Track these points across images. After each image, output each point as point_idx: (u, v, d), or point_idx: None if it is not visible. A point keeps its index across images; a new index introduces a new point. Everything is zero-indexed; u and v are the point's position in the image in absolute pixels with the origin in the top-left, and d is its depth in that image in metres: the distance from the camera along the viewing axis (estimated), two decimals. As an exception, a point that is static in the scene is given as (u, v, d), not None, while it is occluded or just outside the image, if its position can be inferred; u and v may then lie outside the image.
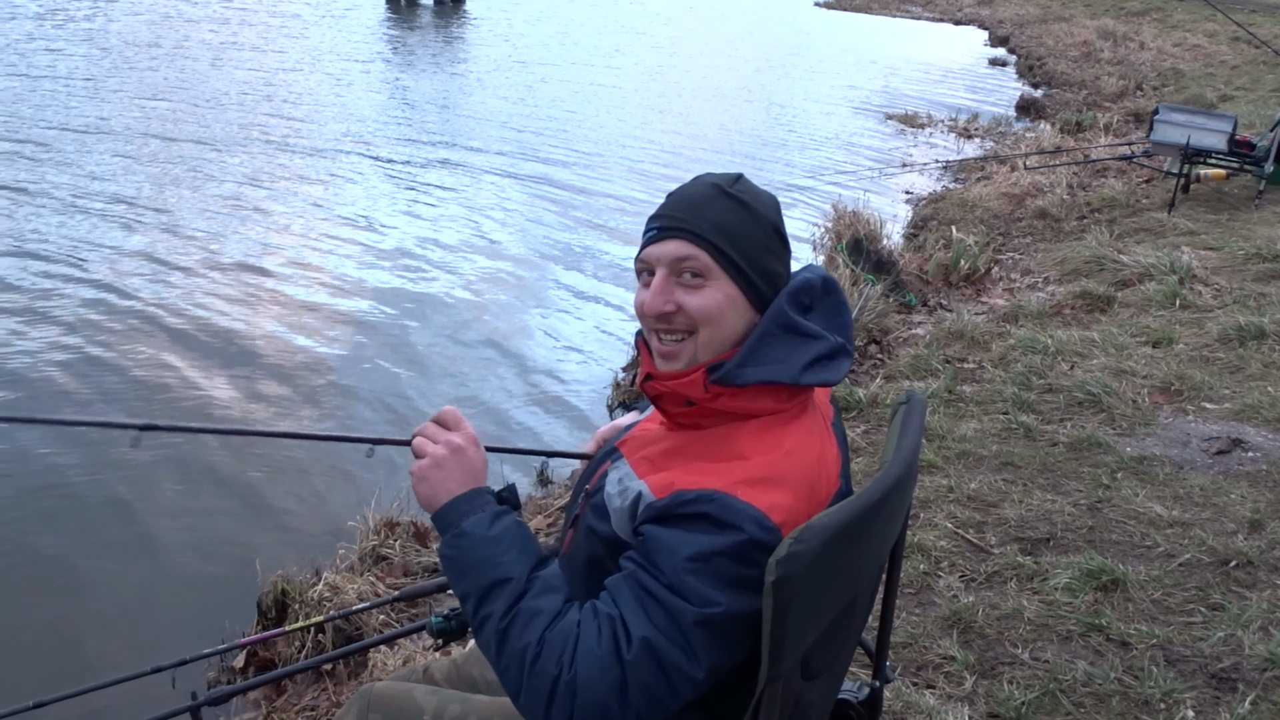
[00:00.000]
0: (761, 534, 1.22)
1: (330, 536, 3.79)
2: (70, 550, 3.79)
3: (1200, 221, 7.04)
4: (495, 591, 1.26)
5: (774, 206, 1.41)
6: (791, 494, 1.27)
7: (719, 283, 1.34)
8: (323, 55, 15.72)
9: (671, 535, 1.24)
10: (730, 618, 1.22)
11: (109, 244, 6.88)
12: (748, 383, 1.32)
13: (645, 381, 1.40)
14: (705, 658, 1.23)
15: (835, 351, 1.37)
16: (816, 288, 1.39)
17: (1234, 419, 3.97)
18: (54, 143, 9.19)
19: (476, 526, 1.30)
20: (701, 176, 1.42)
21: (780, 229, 1.40)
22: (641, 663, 1.20)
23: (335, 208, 8.25)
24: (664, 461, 1.35)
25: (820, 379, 1.35)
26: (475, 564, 1.29)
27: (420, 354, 5.71)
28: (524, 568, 1.28)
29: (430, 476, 1.35)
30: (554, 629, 1.23)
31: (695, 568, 1.22)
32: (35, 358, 5.22)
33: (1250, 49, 16.11)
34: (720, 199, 1.36)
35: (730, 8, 30.92)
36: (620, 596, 1.25)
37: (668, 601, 1.22)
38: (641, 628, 1.21)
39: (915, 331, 5.72)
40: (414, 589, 2.10)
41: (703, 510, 1.24)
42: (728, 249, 1.33)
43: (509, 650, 1.24)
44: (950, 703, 2.45)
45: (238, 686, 2.13)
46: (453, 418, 1.40)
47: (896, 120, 14.15)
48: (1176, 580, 2.91)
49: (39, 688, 2.17)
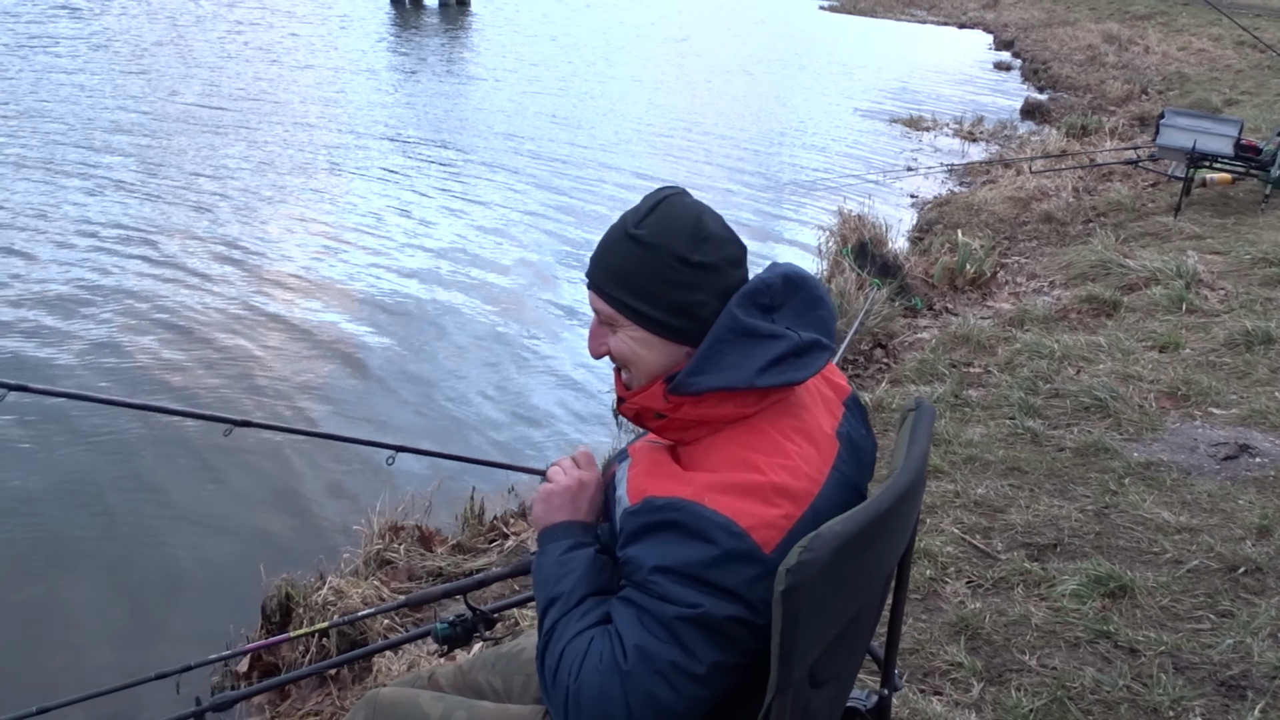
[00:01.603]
0: (730, 541, 1.25)
1: (334, 540, 3.79)
2: (73, 554, 3.78)
3: (1206, 226, 7.02)
4: (549, 608, 1.37)
5: (685, 234, 1.35)
6: (760, 499, 1.27)
7: (626, 328, 1.39)
8: (327, 57, 15.74)
9: (645, 549, 1.29)
10: (716, 620, 1.25)
11: (99, 237, 6.89)
12: (701, 390, 1.33)
13: (620, 404, 1.46)
14: (703, 654, 1.26)
15: (802, 349, 1.36)
16: (776, 286, 1.38)
17: (1241, 424, 3.96)
18: (67, 138, 9.22)
19: (554, 550, 1.43)
20: (624, 215, 1.41)
21: (689, 258, 1.34)
22: (639, 670, 1.26)
23: (340, 206, 8.25)
24: (648, 468, 1.39)
25: (783, 379, 1.34)
26: (542, 581, 1.41)
27: (427, 358, 5.71)
28: (578, 591, 1.36)
29: (549, 500, 1.49)
30: (573, 644, 1.32)
31: (671, 577, 1.26)
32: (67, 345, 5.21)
33: (1255, 53, 16.10)
34: (622, 243, 1.37)
35: (735, 10, 30.93)
36: (616, 613, 1.31)
37: (653, 607, 1.27)
38: (634, 636, 1.27)
39: (921, 335, 5.70)
40: (420, 595, 2.09)
41: (670, 519, 1.28)
42: (626, 298, 1.37)
43: (545, 663, 1.34)
44: (958, 710, 2.44)
45: (242, 692, 2.13)
46: (587, 459, 1.54)
47: (901, 124, 14.14)
48: (1185, 587, 2.90)
49: (42, 693, 2.17)
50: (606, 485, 1.47)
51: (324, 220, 7.97)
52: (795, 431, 1.36)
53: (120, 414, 4.65)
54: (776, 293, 1.38)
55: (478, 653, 1.95)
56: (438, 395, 5.27)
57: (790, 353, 1.34)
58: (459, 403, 5.22)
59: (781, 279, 1.39)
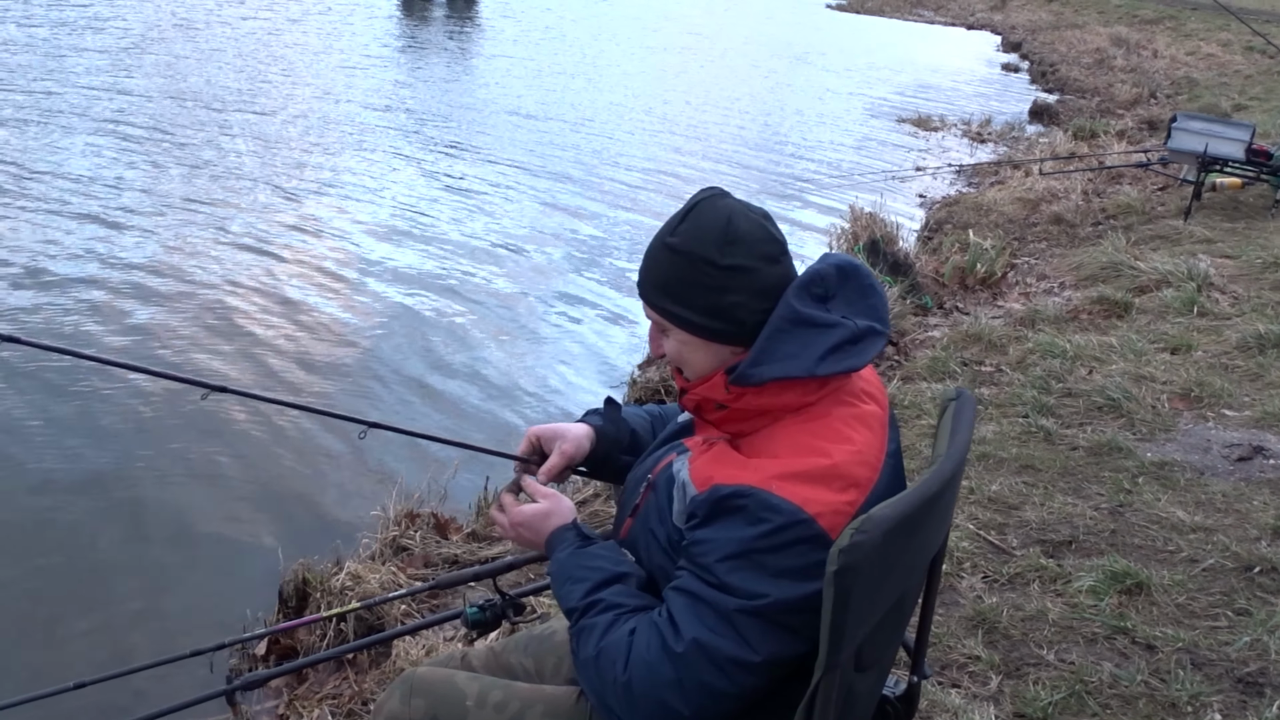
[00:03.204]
0: (799, 527, 1.26)
1: (351, 526, 3.80)
2: (87, 536, 3.79)
3: (1216, 230, 7.03)
4: (582, 596, 1.42)
5: (714, 238, 1.37)
6: (825, 486, 1.29)
7: (674, 333, 1.44)
8: (334, 52, 15.74)
9: (712, 534, 1.31)
10: (780, 607, 1.26)
11: (101, 239, 6.91)
12: (763, 380, 1.35)
13: (682, 395, 1.49)
14: (761, 646, 1.27)
15: (859, 336, 1.38)
16: (830, 276, 1.40)
17: (1255, 426, 3.97)
18: (70, 136, 9.22)
19: (567, 547, 1.50)
20: (667, 221, 1.44)
21: (718, 261, 1.36)
22: (695, 661, 1.28)
23: (350, 196, 8.26)
24: (713, 457, 1.41)
25: (842, 366, 1.36)
26: (565, 577, 1.46)
27: (430, 343, 5.72)
28: (578, 595, 1.42)
29: (530, 524, 1.57)
30: (608, 638, 1.35)
31: (737, 564, 1.28)
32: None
33: (1264, 59, 16.11)
34: (660, 252, 1.42)
35: (743, 9, 30.91)
36: (673, 603, 1.33)
37: (714, 599, 1.28)
38: (692, 629, 1.28)
39: (932, 334, 5.71)
40: (446, 579, 2.10)
41: (739, 504, 1.29)
42: (670, 306, 1.41)
43: (580, 663, 1.38)
44: (976, 702, 2.46)
45: (270, 672, 2.15)
46: (510, 500, 1.63)
47: (910, 123, 14.14)
48: (1201, 585, 2.91)
49: (68, 670, 2.19)
50: (658, 477, 1.48)
51: (323, 207, 7.99)
52: (854, 418, 1.38)
53: (130, 389, 4.68)
54: (830, 282, 1.40)
55: (509, 635, 1.96)
56: (435, 382, 5.30)
57: (847, 340, 1.36)
58: (459, 385, 5.27)
59: (835, 269, 1.41)
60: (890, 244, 6.84)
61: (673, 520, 1.39)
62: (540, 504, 1.58)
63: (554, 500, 1.57)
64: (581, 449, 1.70)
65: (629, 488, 1.59)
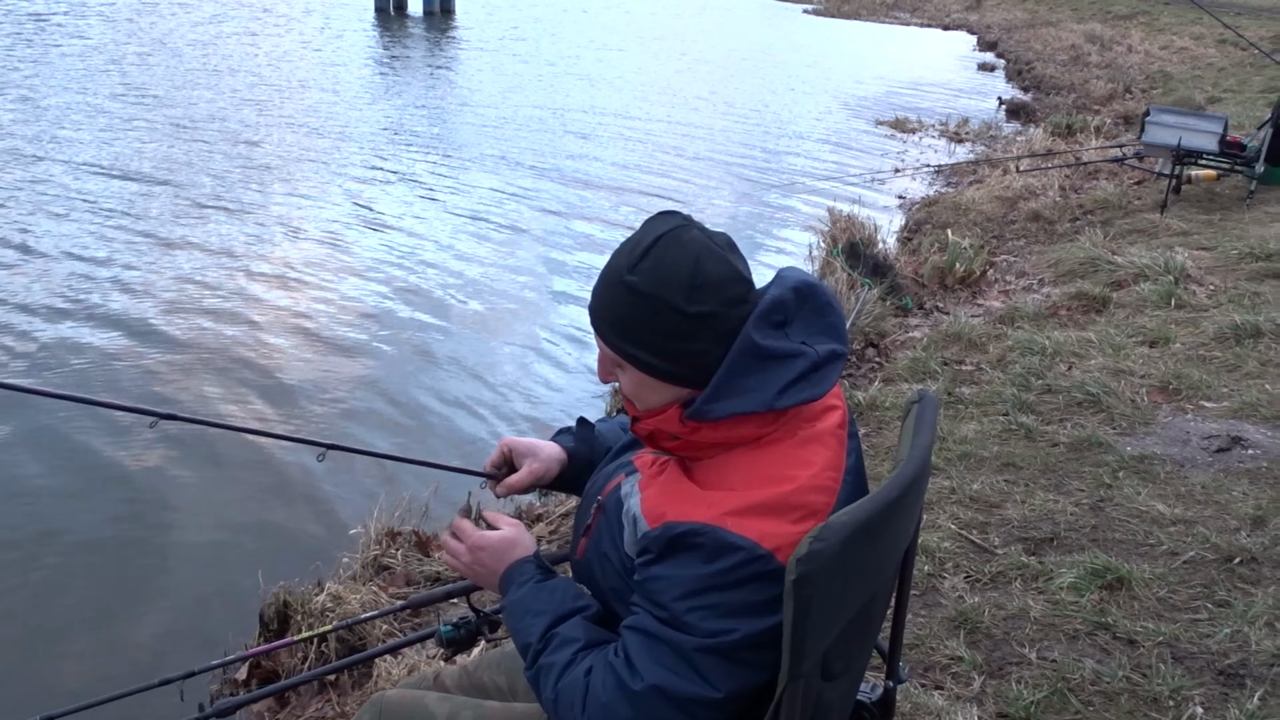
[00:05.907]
0: (756, 563, 1.24)
1: (332, 546, 3.78)
2: (66, 563, 3.76)
3: (1192, 222, 7.07)
4: (526, 656, 1.41)
5: (681, 283, 1.28)
6: (781, 518, 1.26)
7: (628, 370, 1.37)
8: (312, 65, 15.71)
9: (667, 571, 1.28)
10: (741, 643, 1.25)
11: (87, 251, 6.86)
12: (719, 417, 1.30)
13: (634, 423, 1.43)
14: (722, 683, 1.26)
15: (820, 363, 1.33)
16: (789, 302, 1.33)
17: (1233, 417, 3.98)
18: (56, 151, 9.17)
19: (525, 580, 1.47)
20: (620, 250, 1.35)
21: (685, 310, 1.28)
22: (655, 702, 1.27)
23: (321, 215, 8.24)
24: (663, 486, 1.38)
25: (803, 397, 1.31)
26: (521, 613, 1.44)
27: (407, 363, 5.70)
28: (539, 629, 1.40)
29: (492, 552, 1.52)
30: (564, 680, 1.33)
31: (695, 602, 1.26)
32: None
33: (1237, 51, 16.24)
34: (618, 289, 1.32)
35: (721, 16, 31.00)
36: (629, 642, 1.31)
37: (671, 639, 1.27)
38: (650, 670, 1.27)
39: (912, 334, 5.72)
40: (422, 597, 2.08)
41: (694, 542, 1.26)
42: (628, 348, 1.34)
43: (543, 704, 1.38)
44: (959, 703, 2.45)
45: (246, 697, 2.12)
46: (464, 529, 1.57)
47: (888, 125, 14.20)
48: (1181, 578, 2.91)
49: (41, 702, 2.16)
50: (607, 498, 1.46)
51: (308, 223, 7.96)
52: (812, 439, 1.34)
53: (108, 420, 4.64)
54: (789, 308, 1.34)
55: (482, 653, 1.95)
56: (410, 400, 5.28)
57: (809, 369, 1.32)
58: (424, 404, 5.26)
59: (793, 292, 1.34)
60: (869, 246, 6.86)
61: (624, 549, 1.37)
62: (505, 531, 1.53)
63: (518, 530, 1.54)
64: (550, 471, 1.68)
65: (581, 505, 1.56)
